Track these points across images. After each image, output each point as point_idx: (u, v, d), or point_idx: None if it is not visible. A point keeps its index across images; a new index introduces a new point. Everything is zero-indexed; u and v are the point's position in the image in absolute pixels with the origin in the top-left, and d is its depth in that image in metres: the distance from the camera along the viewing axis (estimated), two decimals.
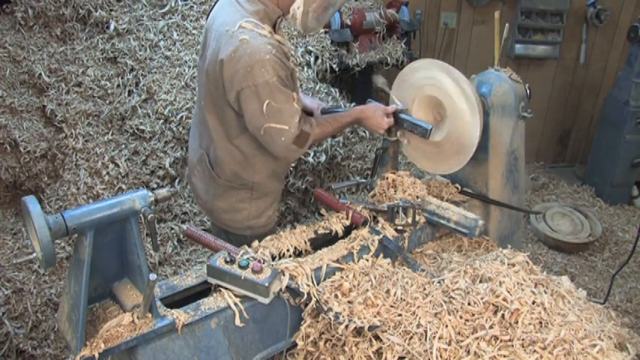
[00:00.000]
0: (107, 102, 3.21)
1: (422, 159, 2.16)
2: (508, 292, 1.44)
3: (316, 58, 3.44)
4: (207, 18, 1.95)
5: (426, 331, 1.40)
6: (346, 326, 1.43)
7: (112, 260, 1.36)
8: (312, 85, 3.33)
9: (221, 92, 1.78)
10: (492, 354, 1.34)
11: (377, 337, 1.43)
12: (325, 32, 3.52)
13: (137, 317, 1.34)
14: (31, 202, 1.14)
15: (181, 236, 3.02)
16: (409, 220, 1.88)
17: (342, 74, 3.71)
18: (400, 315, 1.46)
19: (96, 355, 1.27)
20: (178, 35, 3.38)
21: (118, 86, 3.26)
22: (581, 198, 4.51)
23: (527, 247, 3.82)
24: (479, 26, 4.46)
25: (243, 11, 1.75)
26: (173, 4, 3.48)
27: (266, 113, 1.72)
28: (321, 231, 1.84)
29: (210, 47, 1.81)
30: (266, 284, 1.45)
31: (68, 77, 3.22)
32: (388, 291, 1.54)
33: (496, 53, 2.22)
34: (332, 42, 3.51)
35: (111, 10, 3.41)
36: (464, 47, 4.52)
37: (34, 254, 1.31)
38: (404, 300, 1.50)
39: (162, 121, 3.13)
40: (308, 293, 1.52)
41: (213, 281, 1.52)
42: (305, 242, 1.78)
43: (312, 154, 3.15)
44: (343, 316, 1.46)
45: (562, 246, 3.84)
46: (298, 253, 1.76)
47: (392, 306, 1.50)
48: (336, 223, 1.86)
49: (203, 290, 1.57)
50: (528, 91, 2.20)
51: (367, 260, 1.71)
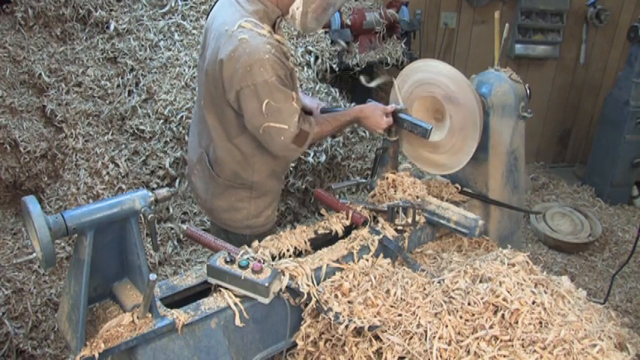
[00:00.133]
0: (107, 102, 3.21)
1: (422, 159, 2.16)
2: (508, 292, 1.44)
3: (316, 58, 3.44)
4: (206, 18, 1.95)
5: (426, 331, 1.40)
6: (346, 326, 1.42)
7: (112, 260, 1.36)
8: (312, 85, 3.33)
9: (220, 92, 1.78)
10: (492, 354, 1.34)
11: (377, 337, 1.43)
12: (325, 32, 3.52)
13: (137, 317, 1.34)
14: (31, 202, 1.14)
15: (181, 236, 3.02)
16: (409, 220, 1.88)
17: (342, 74, 3.71)
18: (400, 315, 1.46)
19: (96, 355, 1.27)
20: (178, 35, 3.38)
21: (118, 86, 3.26)
22: (581, 198, 4.51)
23: (527, 247, 3.82)
24: (479, 26, 4.46)
25: (242, 11, 1.75)
26: (173, 4, 3.48)
27: (265, 112, 1.72)
28: (321, 231, 1.84)
29: (209, 47, 1.81)
30: (266, 284, 1.45)
31: (68, 77, 3.22)
32: (388, 291, 1.54)
33: (496, 53, 2.22)
34: (332, 42, 3.51)
35: (111, 10, 3.41)
36: (464, 47, 4.52)
37: (34, 254, 1.31)
38: (404, 300, 1.50)
39: (162, 121, 3.13)
40: (308, 293, 1.52)
41: (213, 281, 1.52)
42: (305, 242, 1.78)
43: (312, 154, 3.15)
44: (343, 316, 1.46)
45: (562, 246, 3.84)
46: (298, 253, 1.76)
47: (392, 306, 1.50)
48: (336, 223, 1.86)
49: (203, 290, 1.57)
50: (528, 91, 2.20)
51: (367, 260, 1.71)
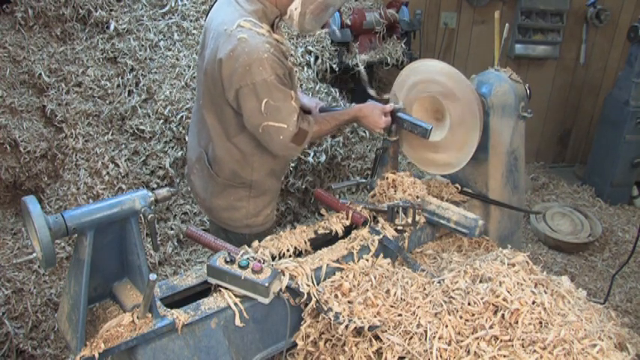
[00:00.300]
0: (107, 102, 3.21)
1: (422, 159, 2.16)
2: (508, 292, 1.44)
3: (316, 58, 3.44)
4: (206, 18, 1.95)
5: (426, 331, 1.40)
6: (346, 326, 1.43)
7: (112, 260, 1.36)
8: (312, 85, 3.33)
9: (220, 91, 1.78)
10: (492, 354, 1.34)
11: (377, 337, 1.43)
12: (325, 32, 3.52)
13: (137, 317, 1.34)
14: (31, 202, 1.14)
15: (181, 236, 3.02)
16: (409, 220, 1.88)
17: (342, 74, 3.70)
18: (400, 315, 1.46)
19: (96, 355, 1.27)
20: (178, 35, 3.38)
21: (118, 86, 3.26)
22: (581, 198, 4.51)
23: (527, 247, 3.82)
24: (479, 26, 4.46)
25: (241, 10, 1.75)
26: (173, 4, 3.48)
27: (264, 111, 1.72)
28: (321, 231, 1.84)
29: (208, 46, 1.81)
30: (266, 284, 1.45)
31: (68, 77, 3.22)
32: (388, 291, 1.54)
33: (496, 53, 2.22)
34: (332, 42, 3.51)
35: (111, 10, 3.41)
36: (464, 47, 4.52)
37: (34, 254, 1.31)
38: (404, 300, 1.50)
39: (162, 121, 3.13)
40: (308, 293, 1.52)
41: (213, 281, 1.52)
42: (305, 242, 1.78)
43: (312, 154, 3.15)
44: (343, 316, 1.46)
45: (562, 246, 3.84)
46: (298, 253, 1.76)
47: (392, 306, 1.50)
48: (336, 223, 1.86)
49: (203, 290, 1.57)
50: (528, 91, 2.20)
51: (367, 260, 1.71)
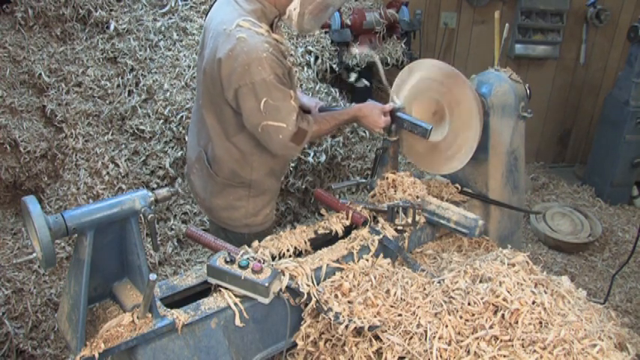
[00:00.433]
0: (107, 102, 3.21)
1: (422, 159, 2.16)
2: (508, 292, 1.44)
3: (316, 58, 3.44)
4: (205, 17, 1.95)
5: (426, 331, 1.40)
6: (346, 326, 1.43)
7: (112, 260, 1.36)
8: (312, 85, 3.33)
9: (219, 90, 1.79)
10: (492, 354, 1.34)
11: (377, 337, 1.43)
12: (325, 32, 3.52)
13: (137, 317, 1.34)
14: (31, 202, 1.14)
15: (181, 236, 3.02)
16: (409, 220, 1.88)
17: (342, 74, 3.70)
18: (400, 315, 1.46)
19: (96, 355, 1.27)
20: (178, 35, 3.38)
21: (118, 86, 3.26)
22: (581, 198, 4.51)
23: (527, 247, 3.82)
24: (479, 26, 4.46)
25: (240, 10, 1.76)
26: (173, 4, 3.48)
27: (263, 111, 1.73)
28: (321, 231, 1.84)
29: (208, 46, 1.82)
30: (266, 284, 1.45)
31: (68, 77, 3.22)
32: (388, 291, 1.54)
33: (496, 53, 2.22)
34: (332, 42, 3.51)
35: (111, 10, 3.41)
36: (464, 47, 4.51)
37: (34, 254, 1.31)
38: (404, 300, 1.50)
39: (162, 121, 3.13)
40: (308, 293, 1.52)
41: (213, 281, 1.52)
42: (305, 242, 1.78)
43: (312, 154, 3.15)
44: (343, 316, 1.46)
45: (562, 246, 3.84)
46: (298, 253, 1.76)
47: (392, 306, 1.50)
48: (336, 223, 1.86)
49: (203, 290, 1.57)
50: (528, 91, 2.20)
51: (367, 260, 1.71)
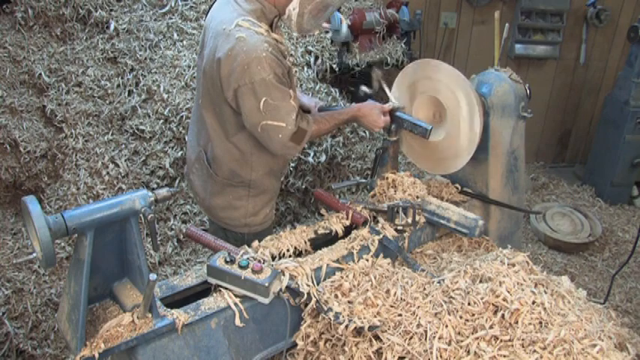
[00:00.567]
0: (107, 102, 3.21)
1: (422, 159, 2.16)
2: (508, 292, 1.44)
3: (316, 58, 3.44)
4: (205, 17, 1.95)
5: (426, 331, 1.40)
6: (346, 326, 1.43)
7: (112, 260, 1.36)
8: (312, 85, 3.33)
9: (218, 90, 1.79)
10: (492, 354, 1.34)
11: (377, 337, 1.43)
12: (325, 32, 3.52)
13: (137, 317, 1.34)
14: (31, 202, 1.14)
15: (181, 236, 3.02)
16: (409, 220, 1.88)
17: (342, 74, 3.70)
18: (400, 315, 1.46)
19: (96, 355, 1.28)
20: (178, 35, 3.38)
21: (118, 86, 3.26)
22: (581, 198, 4.51)
23: (527, 247, 3.82)
24: (479, 26, 4.46)
25: (240, 10, 1.76)
26: (173, 4, 3.48)
27: (263, 110, 1.73)
28: (321, 231, 1.84)
29: (207, 46, 1.82)
30: (266, 284, 1.45)
31: (68, 77, 3.22)
32: (388, 291, 1.54)
33: (496, 53, 2.22)
34: (332, 42, 3.51)
35: (111, 10, 3.41)
36: (464, 47, 4.52)
37: (34, 254, 1.31)
38: (404, 300, 1.50)
39: (162, 121, 3.13)
40: (308, 293, 1.52)
41: (213, 281, 1.52)
42: (305, 242, 1.78)
43: (312, 154, 3.15)
44: (343, 316, 1.46)
45: (562, 246, 3.84)
46: (298, 253, 1.77)
47: (392, 306, 1.50)
48: (336, 223, 1.86)
49: (203, 290, 1.58)
50: (528, 91, 2.20)
51: (367, 260, 1.71)
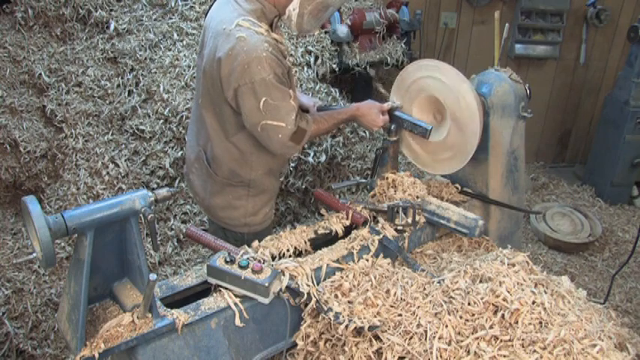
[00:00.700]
0: (107, 102, 3.21)
1: (422, 159, 2.16)
2: (508, 292, 1.44)
3: (316, 58, 3.44)
4: (205, 17, 1.95)
5: (426, 331, 1.40)
6: (346, 326, 1.43)
7: (112, 260, 1.36)
8: (312, 85, 3.33)
9: (218, 90, 1.79)
10: (492, 354, 1.34)
11: (377, 337, 1.43)
12: (325, 32, 3.52)
13: (137, 317, 1.34)
14: (31, 202, 1.14)
15: (181, 236, 3.02)
16: (409, 220, 1.88)
17: (342, 74, 3.70)
18: (400, 315, 1.46)
19: (96, 355, 1.28)
20: (178, 35, 3.38)
21: (118, 86, 3.26)
22: (581, 198, 4.51)
23: (527, 247, 3.82)
24: (479, 26, 4.46)
25: (240, 10, 1.76)
26: (173, 4, 3.48)
27: (263, 110, 1.73)
28: (321, 231, 1.84)
29: (207, 46, 1.82)
30: (266, 284, 1.45)
31: (68, 77, 3.22)
32: (388, 291, 1.54)
33: (496, 53, 2.22)
34: (332, 42, 3.51)
35: (111, 10, 3.41)
36: (464, 47, 4.52)
37: (34, 254, 1.31)
38: (404, 300, 1.50)
39: (162, 121, 3.13)
40: (308, 293, 1.52)
41: (213, 281, 1.52)
42: (305, 242, 1.78)
43: (312, 154, 3.15)
44: (343, 316, 1.46)
45: (562, 246, 3.84)
46: (298, 253, 1.76)
47: (392, 306, 1.50)
48: (336, 223, 1.86)
49: (203, 290, 1.57)
50: (528, 91, 2.20)
51: (367, 260, 1.71)
